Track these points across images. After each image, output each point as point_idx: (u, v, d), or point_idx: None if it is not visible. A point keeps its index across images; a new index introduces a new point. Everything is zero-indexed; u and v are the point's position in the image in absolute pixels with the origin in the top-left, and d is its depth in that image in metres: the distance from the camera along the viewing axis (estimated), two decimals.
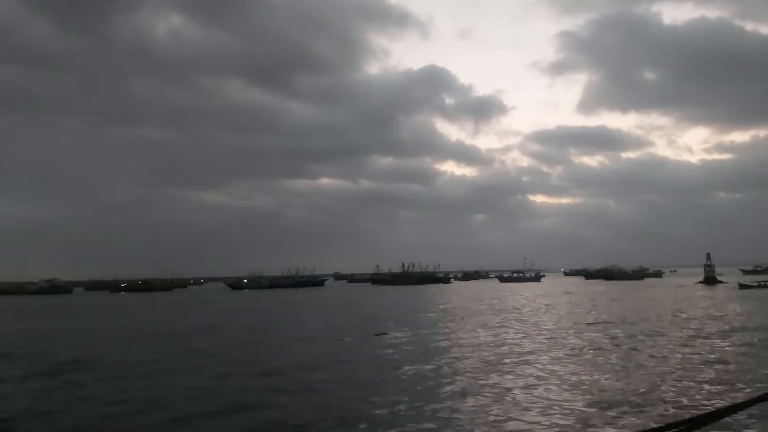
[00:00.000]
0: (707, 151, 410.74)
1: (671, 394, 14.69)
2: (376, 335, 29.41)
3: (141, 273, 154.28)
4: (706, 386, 15.47)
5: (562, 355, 21.51)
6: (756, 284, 69.33)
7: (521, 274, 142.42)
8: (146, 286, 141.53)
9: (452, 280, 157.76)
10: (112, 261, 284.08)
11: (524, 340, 26.21)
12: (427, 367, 19.62)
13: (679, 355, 20.77)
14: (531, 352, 22.28)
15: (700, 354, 20.95)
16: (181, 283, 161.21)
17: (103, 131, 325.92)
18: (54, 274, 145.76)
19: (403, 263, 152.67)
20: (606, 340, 25.62)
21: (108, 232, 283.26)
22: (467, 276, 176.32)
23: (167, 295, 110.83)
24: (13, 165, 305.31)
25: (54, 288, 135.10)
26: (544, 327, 32.08)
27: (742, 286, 68.20)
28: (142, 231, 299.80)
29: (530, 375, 17.63)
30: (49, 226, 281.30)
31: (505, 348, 23.69)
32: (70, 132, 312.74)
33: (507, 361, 20.41)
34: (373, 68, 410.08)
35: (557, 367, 18.87)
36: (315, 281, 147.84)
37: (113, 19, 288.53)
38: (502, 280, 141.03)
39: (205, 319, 44.44)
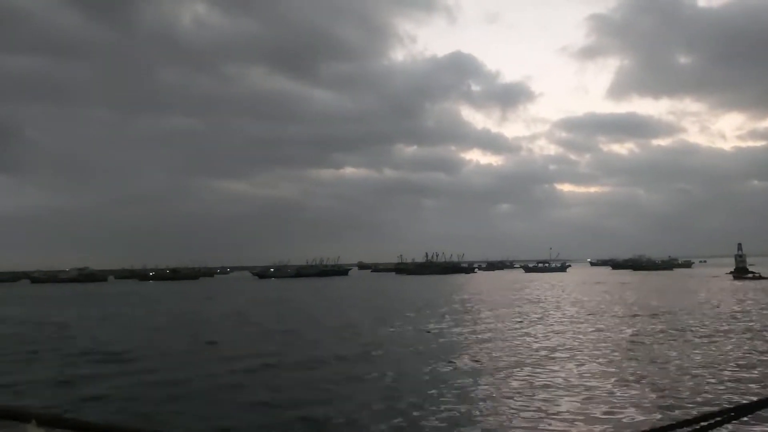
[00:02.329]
0: (741, 137, 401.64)
1: None
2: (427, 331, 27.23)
3: (168, 261, 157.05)
4: None
5: None
6: (750, 275, 69.96)
7: (547, 264, 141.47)
8: (174, 274, 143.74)
9: (476, 270, 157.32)
10: (140, 250, 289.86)
11: None
12: None
13: None
14: None
15: None
16: (208, 272, 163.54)
17: (130, 120, 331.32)
18: (85, 262, 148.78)
19: (426, 253, 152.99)
20: None
21: (136, 221, 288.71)
22: (491, 266, 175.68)
23: (194, 284, 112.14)
24: (42, 154, 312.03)
25: (89, 276, 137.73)
26: None
27: (736, 277, 67.89)
28: (169, 220, 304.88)
29: None
30: (78, 216, 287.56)
31: None
32: (99, 121, 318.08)
33: None
34: (398, 55, 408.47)
35: None
36: (339, 270, 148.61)
37: (139, 7, 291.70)
38: (527, 270, 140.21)
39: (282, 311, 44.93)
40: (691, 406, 12.22)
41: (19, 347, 23.84)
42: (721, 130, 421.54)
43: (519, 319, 30.60)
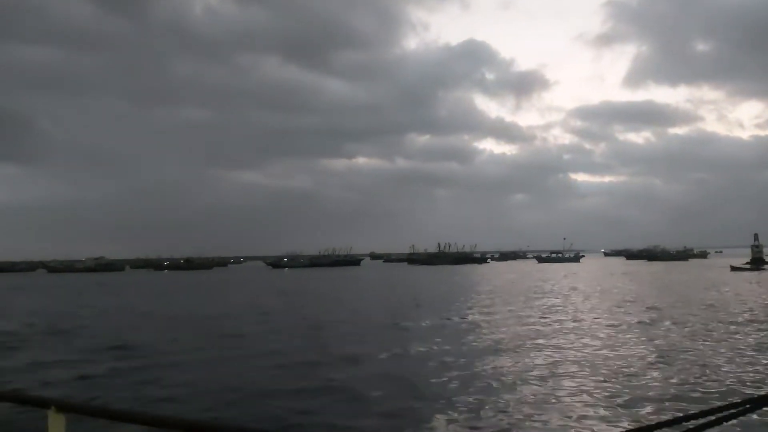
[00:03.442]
0: (759, 126, 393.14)
1: None
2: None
3: (182, 251, 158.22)
4: None
5: None
6: (747, 266, 69.70)
7: (560, 255, 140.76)
8: (188, 264, 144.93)
9: (489, 260, 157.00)
10: (154, 240, 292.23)
11: None
12: None
13: None
14: None
15: None
16: (222, 262, 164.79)
17: (144, 111, 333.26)
18: (100, 252, 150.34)
19: (439, 243, 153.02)
20: None
21: (150, 211, 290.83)
22: (504, 256, 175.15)
23: (209, 274, 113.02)
24: (57, 145, 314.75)
25: (105, 266, 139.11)
26: None
27: (733, 269, 67.54)
28: (182, 210, 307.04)
29: None
30: (93, 206, 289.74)
31: None
32: (113, 112, 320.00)
33: None
34: (411, 43, 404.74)
35: None
36: (352, 260, 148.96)
37: None
38: (540, 260, 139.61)
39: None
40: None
41: (45, 338, 24.02)
42: (739, 118, 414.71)
43: (546, 312, 30.35)
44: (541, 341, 20.01)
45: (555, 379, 14.27)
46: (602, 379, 14.11)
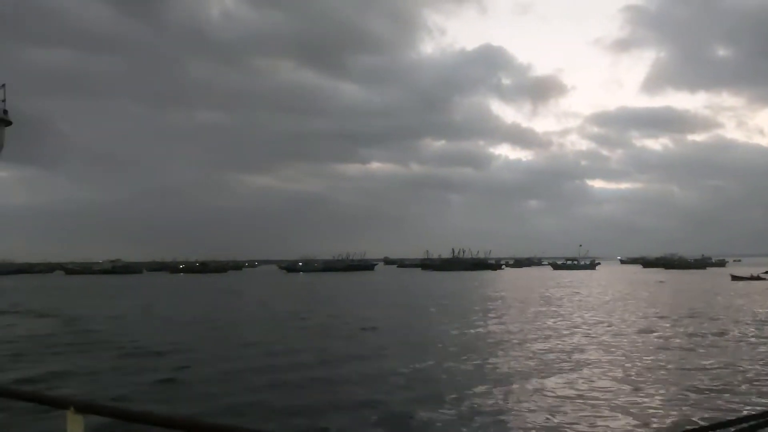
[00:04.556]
0: None
1: None
2: None
3: (197, 254, 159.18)
4: None
5: None
6: (749, 276, 68.50)
7: (575, 262, 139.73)
8: (203, 267, 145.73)
9: (503, 266, 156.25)
10: (169, 242, 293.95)
11: None
12: None
13: None
14: None
15: None
16: (236, 266, 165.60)
17: (160, 114, 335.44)
18: (116, 254, 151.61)
19: (453, 249, 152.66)
20: None
21: (165, 214, 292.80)
22: (519, 263, 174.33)
23: (224, 277, 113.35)
24: (73, 148, 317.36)
25: (123, 268, 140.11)
26: None
27: (734, 278, 67.43)
28: (197, 213, 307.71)
29: None
30: (109, 208, 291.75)
31: None
32: (129, 115, 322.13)
33: None
34: (427, 47, 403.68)
35: None
36: (366, 266, 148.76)
37: (168, 1, 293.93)
38: (556, 267, 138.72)
39: None
40: None
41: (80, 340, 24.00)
42: (759, 125, 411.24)
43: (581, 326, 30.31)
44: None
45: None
46: None
